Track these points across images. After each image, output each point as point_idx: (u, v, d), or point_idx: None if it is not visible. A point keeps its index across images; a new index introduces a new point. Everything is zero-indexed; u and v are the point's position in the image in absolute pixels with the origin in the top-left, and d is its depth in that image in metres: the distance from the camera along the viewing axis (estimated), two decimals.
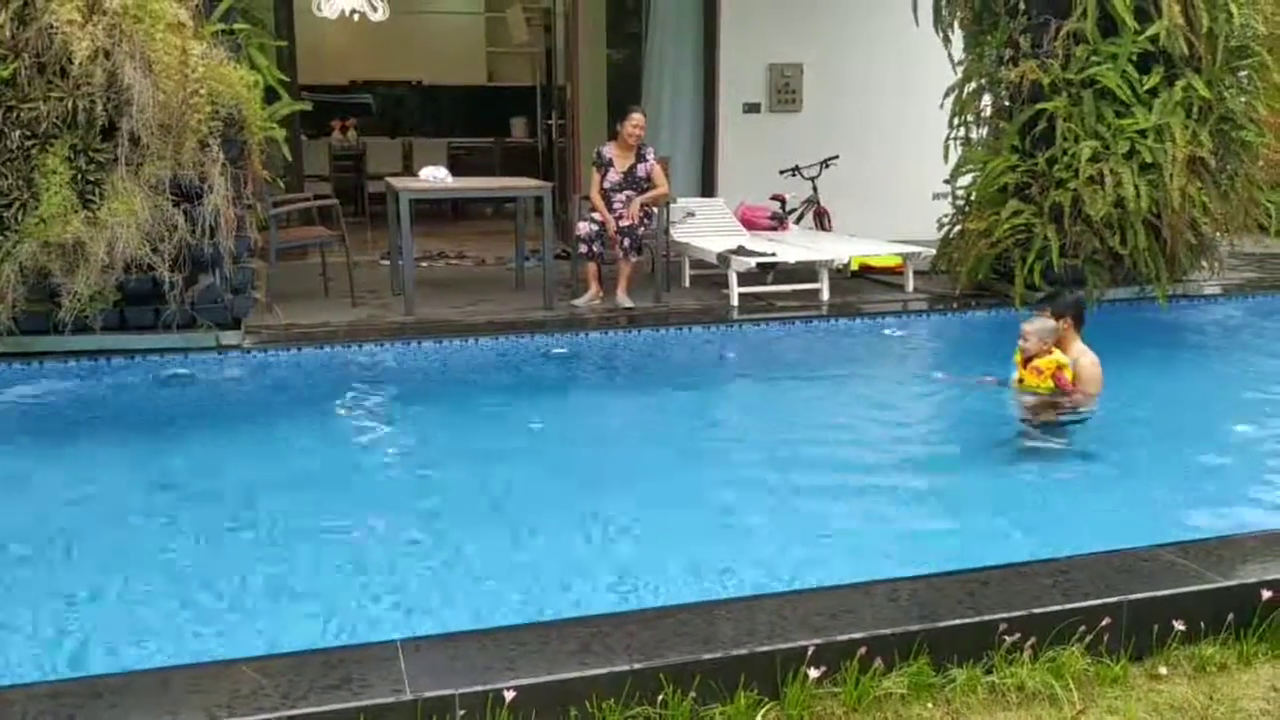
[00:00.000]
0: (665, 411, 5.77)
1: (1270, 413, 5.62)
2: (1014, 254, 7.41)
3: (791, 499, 4.38)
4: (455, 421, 5.43)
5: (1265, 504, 4.31)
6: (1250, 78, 7.62)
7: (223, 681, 2.65)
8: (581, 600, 3.34)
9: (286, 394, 5.85)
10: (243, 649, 2.98)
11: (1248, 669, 3.02)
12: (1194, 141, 7.06)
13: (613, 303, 7.41)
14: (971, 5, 7.82)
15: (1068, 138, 7.19)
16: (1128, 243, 7.18)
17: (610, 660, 2.70)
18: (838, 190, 9.62)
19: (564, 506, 4.30)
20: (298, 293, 7.52)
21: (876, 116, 10.17)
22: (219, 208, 5.82)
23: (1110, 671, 2.95)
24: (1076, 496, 4.43)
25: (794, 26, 10.13)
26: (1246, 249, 8.88)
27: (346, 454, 5.00)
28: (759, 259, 7.54)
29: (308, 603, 3.38)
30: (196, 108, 5.66)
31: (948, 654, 2.90)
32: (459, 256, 9.74)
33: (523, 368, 6.35)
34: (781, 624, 2.90)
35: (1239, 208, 7.61)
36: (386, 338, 6.46)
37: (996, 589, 3.15)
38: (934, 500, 4.41)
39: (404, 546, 3.88)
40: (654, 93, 9.91)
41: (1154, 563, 3.33)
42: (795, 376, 6.41)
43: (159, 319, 6.04)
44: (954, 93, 7.98)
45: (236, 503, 4.30)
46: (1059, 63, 7.22)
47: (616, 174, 7.57)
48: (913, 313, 7.57)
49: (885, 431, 5.41)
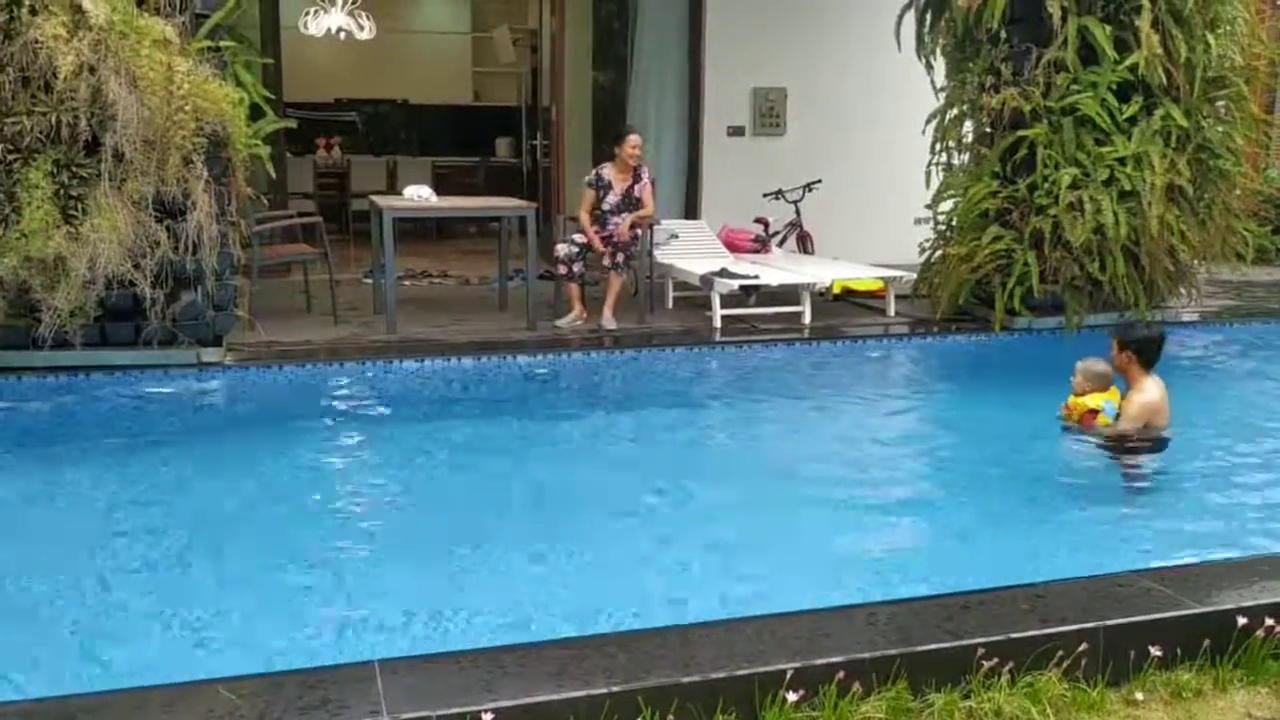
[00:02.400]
0: (647, 432, 5.77)
1: (1247, 437, 5.67)
2: (994, 279, 7.47)
3: (770, 520, 4.39)
4: (433, 441, 5.42)
5: (1240, 529, 4.33)
6: (1227, 108, 7.72)
7: (198, 702, 2.62)
8: (559, 622, 3.33)
9: (266, 411, 5.83)
10: (218, 669, 2.96)
11: (1223, 695, 3.04)
12: (1172, 170, 7.14)
13: (597, 324, 7.43)
14: (953, 32, 7.90)
15: (1048, 164, 7.25)
16: (1107, 269, 7.24)
17: (588, 683, 2.70)
18: (820, 214, 9.68)
19: (541, 527, 4.30)
20: (280, 310, 7.51)
21: (859, 141, 10.24)
22: (202, 224, 5.81)
23: (1087, 697, 2.96)
24: (1057, 521, 4.45)
25: (778, 51, 10.22)
26: (1223, 277, 8.97)
27: (323, 472, 4.98)
28: (742, 281, 7.57)
29: (282, 622, 3.36)
30: (181, 124, 5.66)
31: (926, 678, 2.90)
32: (442, 275, 9.75)
33: (504, 388, 6.35)
34: (760, 647, 2.90)
35: (1216, 236, 7.68)
36: (368, 356, 6.45)
37: (975, 613, 3.16)
38: (914, 523, 4.43)
39: (379, 566, 3.87)
40: (639, 115, 9.95)
41: (1131, 588, 3.35)
42: (777, 398, 6.43)
43: (140, 335, 6.02)
44: (936, 119, 8.05)
45: (211, 520, 4.28)
46: (1040, 90, 7.29)
47: (616, 195, 7.61)
48: (894, 336, 7.61)
49: (864, 454, 5.42)
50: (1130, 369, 5.07)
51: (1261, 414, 6.26)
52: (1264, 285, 9.96)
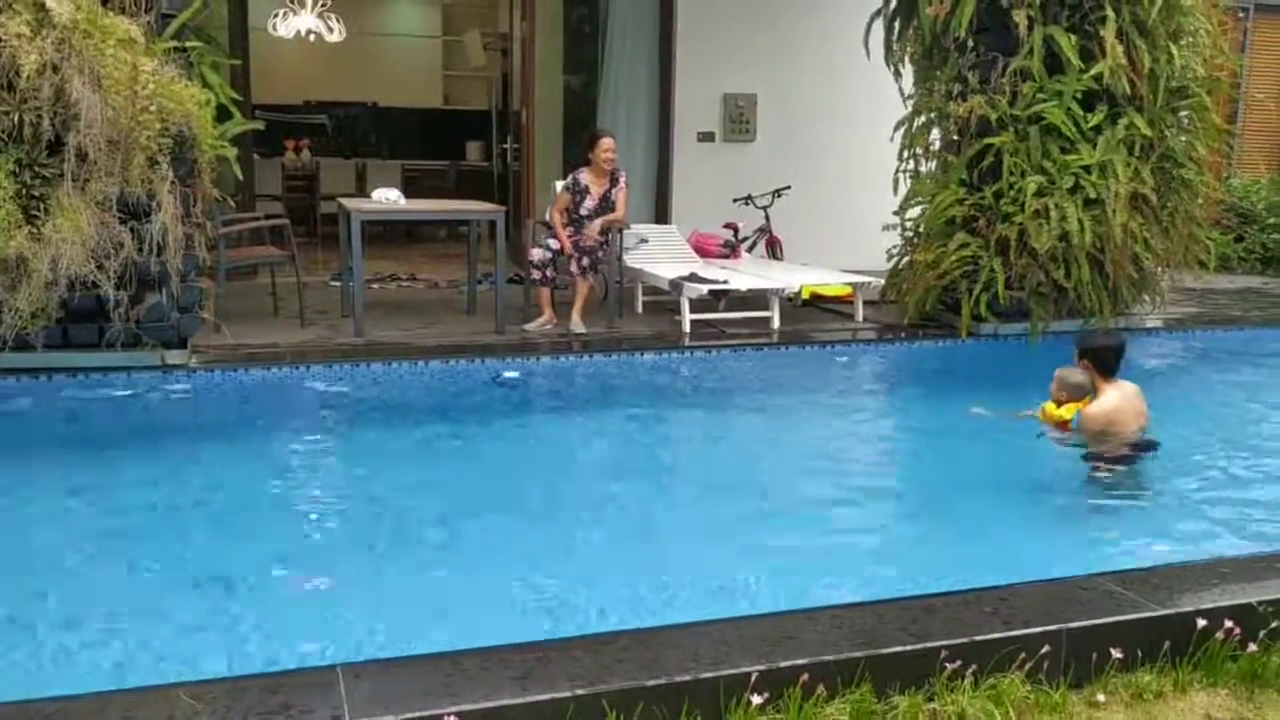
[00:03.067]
0: (614, 436, 5.78)
1: (1210, 443, 5.74)
2: (961, 285, 7.52)
3: (736, 524, 4.40)
4: (399, 445, 5.40)
5: (1202, 532, 4.39)
6: (1190, 118, 7.81)
7: (159, 707, 2.60)
8: (524, 625, 3.32)
9: (231, 414, 5.78)
10: (179, 674, 2.93)
11: (1183, 696, 3.07)
12: (1136, 178, 7.22)
13: (566, 328, 7.41)
14: (921, 40, 7.95)
15: (1014, 172, 7.31)
16: (1072, 276, 7.31)
17: (552, 686, 2.69)
18: (790, 220, 9.72)
19: (507, 531, 4.28)
20: (247, 313, 7.44)
21: (828, 148, 10.29)
22: (167, 226, 5.74)
23: (1049, 699, 2.98)
24: (1020, 524, 4.48)
25: (748, 57, 10.25)
26: (1187, 284, 9.07)
27: (287, 475, 4.94)
28: (711, 286, 7.59)
29: (243, 627, 3.33)
30: (146, 124, 5.60)
31: (890, 681, 2.91)
32: (411, 279, 9.70)
33: (472, 392, 6.32)
34: (725, 649, 2.90)
35: (1179, 244, 7.77)
36: (335, 359, 6.41)
37: (938, 616, 3.18)
38: (879, 526, 4.45)
39: (341, 570, 3.84)
40: (609, 120, 9.95)
41: (1093, 591, 3.38)
42: (745, 403, 6.45)
43: (103, 337, 5.94)
44: (904, 126, 8.09)
45: (171, 523, 4.24)
46: (1006, 99, 7.35)
47: (593, 200, 7.60)
48: (861, 342, 7.64)
49: (831, 459, 5.45)
50: (1090, 376, 5.17)
51: (1224, 420, 6.34)
52: (1226, 293, 10.09)
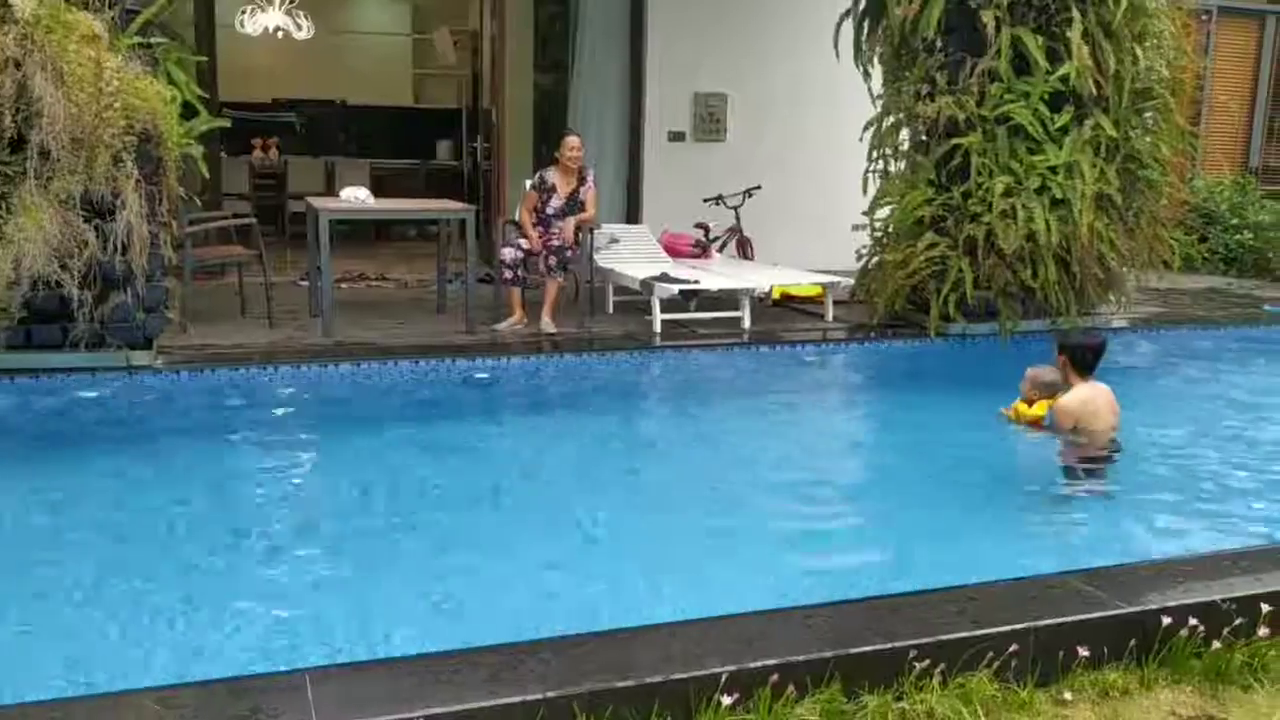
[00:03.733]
0: (586, 436, 5.76)
1: (1175, 441, 5.80)
2: (930, 285, 7.56)
3: (705, 523, 4.40)
4: (368, 446, 5.36)
5: (1167, 530, 4.43)
6: (1154, 119, 7.90)
7: (124, 713, 2.57)
8: (491, 628, 3.30)
9: (198, 416, 5.71)
10: (143, 679, 2.90)
11: (1149, 694, 3.10)
12: (1102, 179, 7.29)
13: (536, 328, 7.40)
14: (890, 41, 7.98)
15: (982, 172, 7.37)
16: (1038, 276, 7.36)
17: (522, 689, 2.68)
18: (760, 219, 9.74)
19: (476, 532, 4.27)
20: (214, 313, 7.38)
21: (799, 147, 10.33)
22: (132, 224, 5.67)
23: (1017, 697, 3.00)
24: (988, 522, 4.51)
25: (720, 57, 10.27)
26: (1151, 284, 9.16)
27: (253, 477, 4.90)
28: (682, 286, 7.59)
29: (208, 632, 3.30)
30: (110, 122, 5.53)
31: (859, 681, 2.92)
32: (380, 278, 9.64)
33: (441, 392, 6.29)
34: (695, 650, 2.90)
35: (1144, 244, 7.85)
36: (303, 360, 6.36)
37: (908, 616, 3.19)
38: (848, 525, 4.46)
39: (307, 573, 3.82)
40: (580, 119, 9.94)
41: (1060, 590, 3.41)
42: (715, 402, 6.46)
43: (67, 338, 5.87)
44: (873, 126, 8.13)
45: (135, 526, 4.19)
46: (974, 99, 7.40)
47: (560, 199, 7.59)
48: (832, 341, 7.68)
49: (801, 458, 5.46)
50: (1067, 373, 5.24)
51: (1188, 418, 6.41)
52: (1190, 292, 10.21)
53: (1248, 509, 4.72)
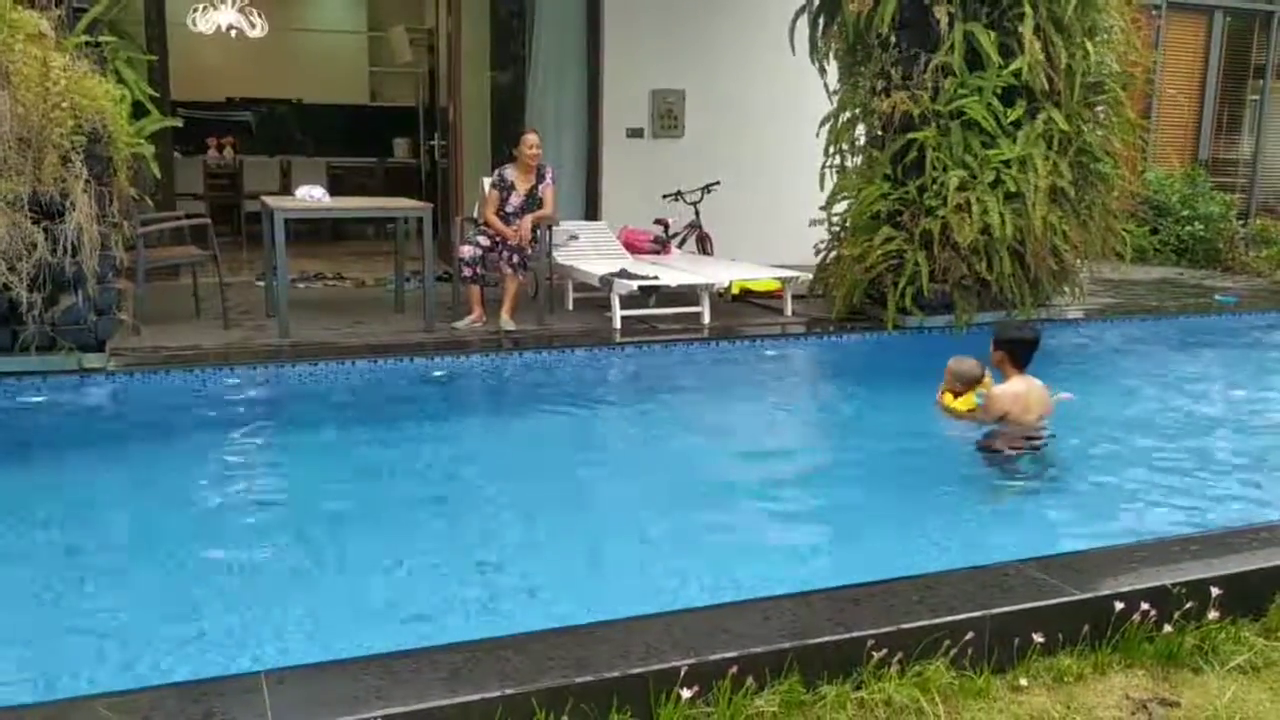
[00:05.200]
0: (545, 434, 5.76)
1: (1123, 429, 5.88)
2: (886, 279, 7.62)
3: (664, 518, 4.41)
4: (325, 447, 5.32)
5: (1119, 517, 4.50)
6: (1106, 113, 8.01)
7: (77, 719, 2.53)
8: (453, 627, 3.29)
9: (151, 419, 5.64)
10: (97, 685, 2.86)
11: (1102, 678, 3.14)
12: (1055, 172, 7.38)
13: (496, 325, 7.37)
14: (845, 37, 8.04)
15: (937, 167, 7.43)
16: (994, 268, 7.45)
17: (482, 686, 2.67)
18: (719, 215, 9.77)
19: (438, 531, 4.25)
20: (168, 314, 7.29)
21: (756, 143, 10.38)
22: (82, 225, 5.59)
23: (974, 684, 3.03)
24: (947, 512, 4.55)
25: (677, 53, 10.29)
26: (1105, 275, 9.30)
27: (209, 480, 4.84)
28: (641, 282, 7.60)
29: (163, 635, 3.26)
30: (58, 121, 5.45)
31: (818, 671, 2.94)
32: (337, 278, 9.57)
33: (400, 391, 6.26)
34: (655, 645, 2.90)
35: (1097, 236, 7.95)
36: (260, 360, 6.30)
37: (866, 606, 3.21)
38: (805, 517, 4.49)
39: (262, 576, 3.79)
40: (538, 116, 9.92)
41: (1015, 577, 3.44)
42: (675, 398, 6.47)
43: (16, 341, 5.77)
44: (829, 122, 8.18)
45: (87, 532, 4.13)
46: (928, 94, 7.47)
47: (519, 197, 7.58)
48: (790, 336, 7.72)
49: (758, 451, 5.49)
50: (1004, 366, 5.28)
51: (1140, 406, 6.50)
52: (1143, 283, 10.37)
53: (1200, 494, 4.81)
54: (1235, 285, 10.55)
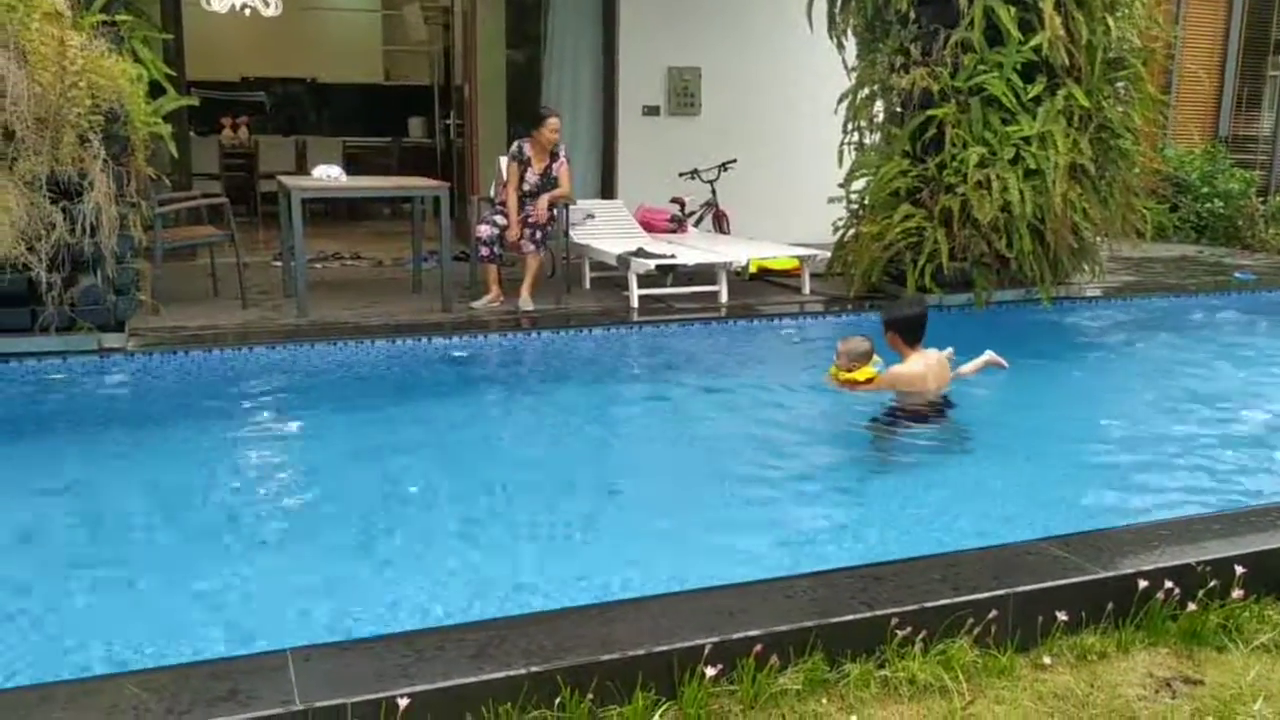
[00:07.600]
0: (564, 413, 5.75)
1: (1145, 408, 5.85)
2: (905, 257, 7.58)
3: (687, 496, 4.41)
4: (345, 426, 5.33)
5: (1142, 496, 4.47)
6: (1126, 88, 7.93)
7: (103, 698, 2.55)
8: (478, 604, 3.30)
9: (170, 398, 5.66)
10: (126, 663, 2.88)
11: (1126, 656, 3.13)
12: (1075, 149, 7.32)
13: (514, 305, 7.37)
14: (864, 13, 7.97)
15: (956, 144, 7.38)
16: (1013, 246, 7.40)
17: (507, 664, 2.68)
18: (736, 193, 9.72)
19: (460, 511, 4.25)
20: (186, 294, 7.31)
21: (774, 121, 10.32)
22: (100, 205, 5.61)
23: (997, 662, 3.03)
24: (962, 492, 4.53)
25: (693, 31, 10.22)
26: (1124, 253, 9.23)
27: (229, 459, 4.86)
28: (658, 261, 7.58)
29: (190, 613, 3.28)
30: (75, 101, 5.46)
31: (842, 649, 2.94)
32: (355, 257, 9.58)
33: (420, 371, 6.26)
34: (678, 623, 2.91)
35: (1117, 213, 7.89)
36: (278, 340, 6.31)
37: (889, 584, 3.21)
38: (829, 497, 4.48)
39: (285, 554, 3.80)
40: (553, 95, 9.88)
41: (1038, 556, 3.43)
42: (693, 377, 6.45)
43: (36, 321, 5.80)
44: (848, 99, 8.12)
45: (107, 511, 4.15)
46: (948, 71, 7.41)
47: (535, 175, 7.55)
48: (809, 314, 7.68)
49: (779, 432, 5.46)
50: (898, 346, 5.31)
51: (1160, 384, 6.46)
52: (1162, 261, 10.29)
53: (1219, 472, 4.77)
54: (1254, 263, 10.46)
